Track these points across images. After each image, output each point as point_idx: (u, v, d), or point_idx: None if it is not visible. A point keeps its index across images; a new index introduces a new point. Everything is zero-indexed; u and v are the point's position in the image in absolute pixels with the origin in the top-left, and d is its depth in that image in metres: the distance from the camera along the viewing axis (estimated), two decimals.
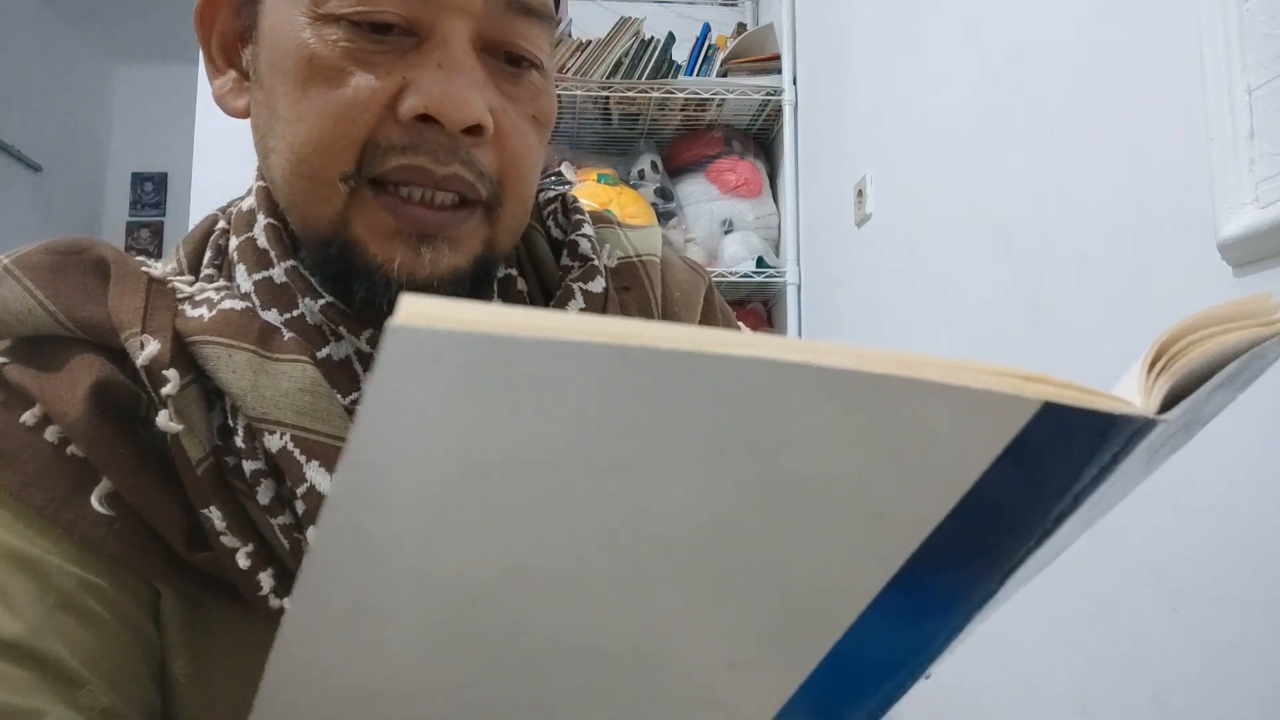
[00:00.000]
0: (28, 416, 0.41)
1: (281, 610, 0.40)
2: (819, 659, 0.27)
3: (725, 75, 2.15)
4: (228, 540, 0.40)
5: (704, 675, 0.28)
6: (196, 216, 2.27)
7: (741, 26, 2.34)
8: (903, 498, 0.22)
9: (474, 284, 0.45)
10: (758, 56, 2.13)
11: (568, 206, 0.55)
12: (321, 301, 0.44)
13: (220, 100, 0.47)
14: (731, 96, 2.10)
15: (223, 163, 2.24)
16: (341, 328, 0.44)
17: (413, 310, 0.16)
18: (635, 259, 0.54)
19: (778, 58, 2.11)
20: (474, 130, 0.41)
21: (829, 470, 0.21)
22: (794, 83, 2.07)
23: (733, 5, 2.44)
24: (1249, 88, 0.65)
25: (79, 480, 0.41)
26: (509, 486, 0.20)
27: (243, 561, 0.40)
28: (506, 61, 0.44)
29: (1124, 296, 0.83)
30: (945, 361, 0.19)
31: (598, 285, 0.50)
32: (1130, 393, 0.22)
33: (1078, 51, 0.92)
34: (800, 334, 1.96)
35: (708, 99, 2.11)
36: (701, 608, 0.25)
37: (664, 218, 2.12)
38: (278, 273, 0.45)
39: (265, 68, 0.43)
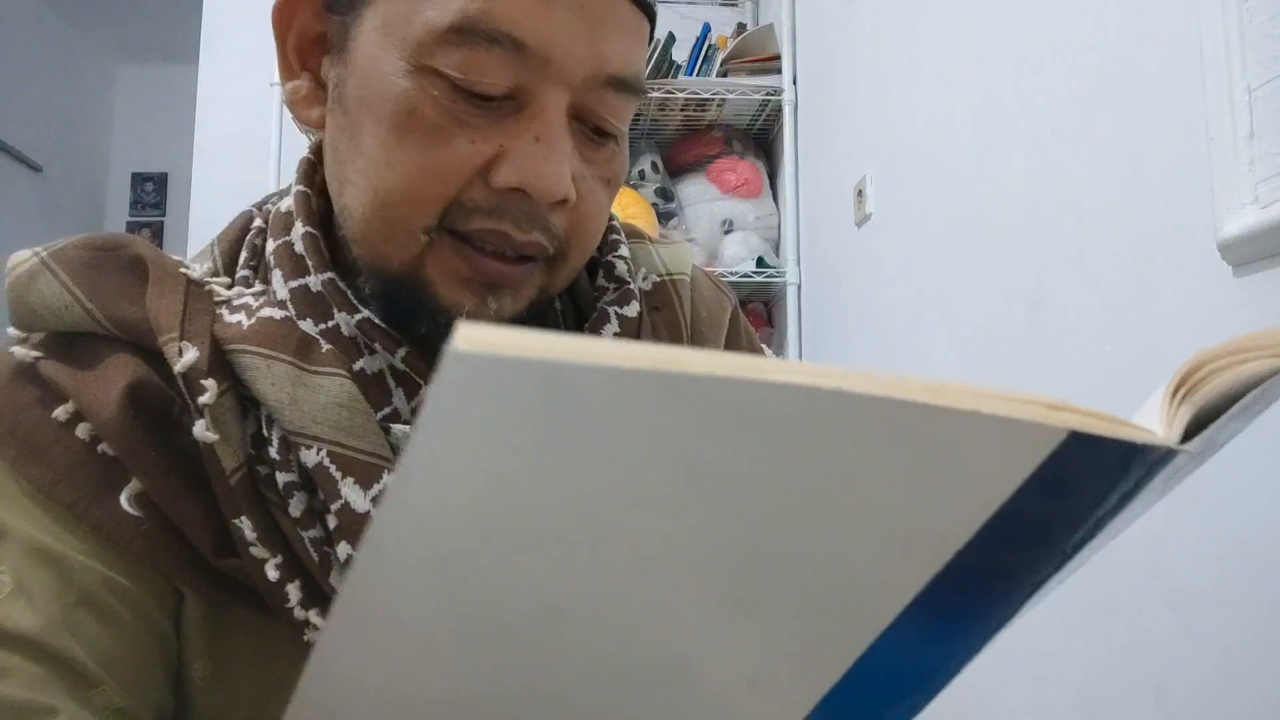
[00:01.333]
0: (60, 412, 0.41)
1: (307, 622, 0.40)
2: (837, 678, 0.27)
3: (725, 75, 2.14)
4: (257, 551, 0.40)
5: (724, 694, 0.28)
6: (197, 216, 2.29)
7: (741, 26, 2.34)
8: (927, 521, 0.22)
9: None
10: (758, 56, 2.13)
11: None
12: (358, 316, 0.44)
13: (293, 105, 0.46)
14: (731, 96, 2.10)
15: (223, 163, 2.25)
16: (376, 343, 0.44)
17: (469, 336, 0.16)
18: (667, 278, 0.55)
19: (778, 58, 2.11)
20: (559, 203, 0.42)
21: (856, 494, 0.21)
22: (794, 83, 2.07)
23: (733, 5, 2.44)
24: (1249, 88, 0.65)
25: (109, 479, 0.41)
26: (548, 512, 0.21)
27: (272, 573, 0.40)
28: (593, 131, 0.44)
29: (1124, 296, 0.83)
30: (974, 389, 0.19)
31: (632, 310, 0.50)
32: (1152, 421, 0.22)
33: (1077, 52, 0.92)
34: (800, 334, 1.97)
35: (708, 99, 2.11)
36: (725, 629, 0.25)
37: (664, 218, 2.12)
38: (313, 281, 0.45)
39: (353, 98, 0.43)
